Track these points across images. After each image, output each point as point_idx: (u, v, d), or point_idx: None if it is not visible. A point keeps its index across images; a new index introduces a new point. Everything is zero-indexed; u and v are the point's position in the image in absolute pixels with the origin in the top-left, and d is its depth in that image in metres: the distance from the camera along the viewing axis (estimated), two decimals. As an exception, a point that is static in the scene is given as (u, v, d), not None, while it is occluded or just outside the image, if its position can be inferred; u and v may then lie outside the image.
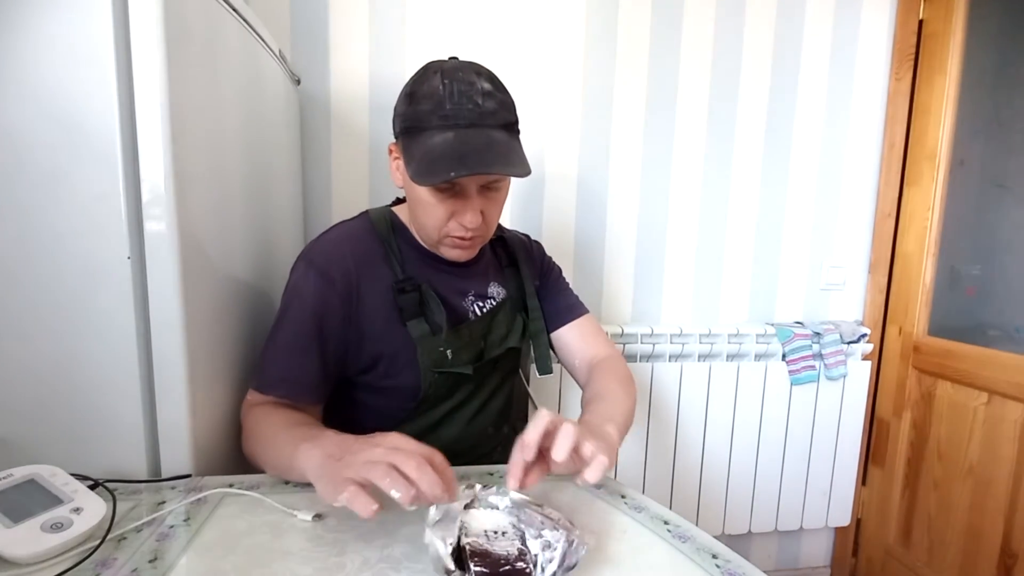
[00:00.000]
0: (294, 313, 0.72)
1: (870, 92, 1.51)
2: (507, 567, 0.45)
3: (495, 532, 0.50)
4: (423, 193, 0.70)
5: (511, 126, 0.70)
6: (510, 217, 1.38)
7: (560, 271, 0.97)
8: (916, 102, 1.48)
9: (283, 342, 0.72)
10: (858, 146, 1.52)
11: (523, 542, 0.48)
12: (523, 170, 0.66)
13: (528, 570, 0.45)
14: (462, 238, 0.73)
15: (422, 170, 0.65)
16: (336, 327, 0.72)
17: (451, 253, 0.76)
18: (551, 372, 0.88)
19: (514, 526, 0.51)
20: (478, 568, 0.44)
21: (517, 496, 0.53)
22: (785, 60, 1.46)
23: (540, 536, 0.48)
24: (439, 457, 0.51)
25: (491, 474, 0.69)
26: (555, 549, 0.46)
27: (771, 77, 1.45)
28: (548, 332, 0.91)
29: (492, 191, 0.72)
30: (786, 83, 1.46)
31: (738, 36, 1.42)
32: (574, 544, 0.47)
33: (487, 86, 0.68)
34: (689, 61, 1.41)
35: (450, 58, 0.72)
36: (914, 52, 1.47)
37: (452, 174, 0.63)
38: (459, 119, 0.65)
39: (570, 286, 0.96)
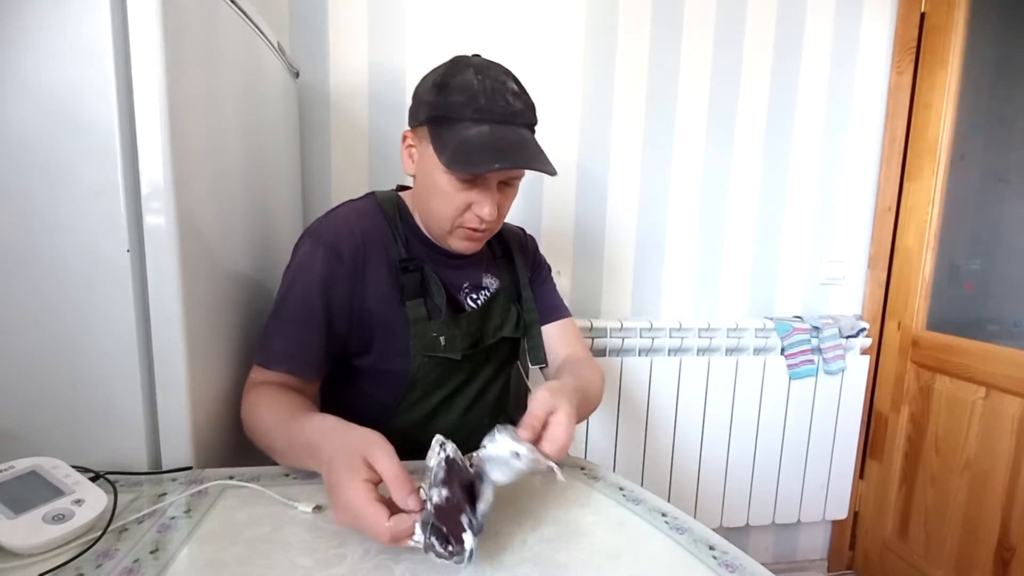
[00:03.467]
0: (300, 288, 0.72)
1: (871, 86, 1.50)
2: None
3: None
4: (443, 182, 0.70)
5: (532, 127, 0.74)
6: (509, 211, 1.37)
7: (550, 271, 0.98)
8: (917, 96, 1.48)
9: (289, 316, 0.72)
10: (858, 140, 1.52)
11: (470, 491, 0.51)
12: (553, 169, 0.70)
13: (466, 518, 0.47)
14: (475, 229, 0.74)
15: (459, 158, 0.67)
16: (342, 302, 0.73)
17: (460, 245, 0.76)
18: (544, 363, 0.88)
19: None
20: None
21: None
22: (786, 53, 1.45)
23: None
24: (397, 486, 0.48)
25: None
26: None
27: (772, 70, 1.45)
28: None
29: (509, 187, 0.74)
30: (787, 76, 1.46)
31: (739, 29, 1.42)
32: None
33: (515, 87, 0.71)
34: (689, 55, 1.40)
35: (473, 55, 0.74)
36: (915, 45, 1.47)
37: (497, 165, 0.66)
38: (493, 114, 0.68)
39: (557, 289, 0.97)
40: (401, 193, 0.84)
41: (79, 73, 0.58)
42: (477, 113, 0.67)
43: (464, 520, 0.47)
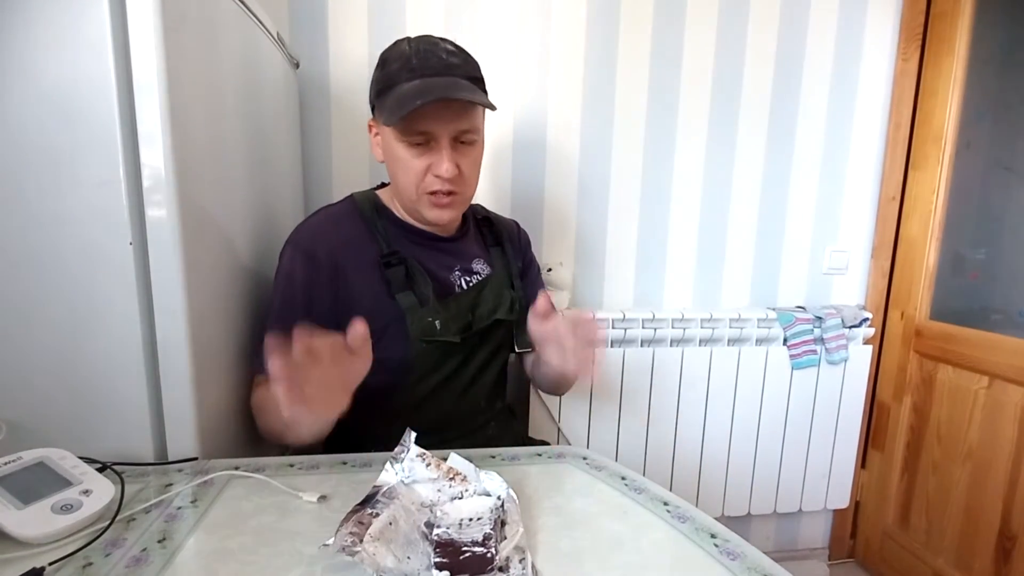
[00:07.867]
0: (285, 294, 0.75)
1: (876, 73, 1.49)
2: (467, 553, 0.46)
3: (470, 520, 0.50)
4: (400, 151, 0.73)
5: (476, 80, 0.75)
6: (511, 202, 1.37)
7: (539, 269, 0.99)
8: (923, 83, 1.46)
9: (278, 322, 0.74)
10: (863, 128, 1.51)
11: (496, 526, 0.49)
12: (486, 102, 0.71)
13: (489, 554, 0.45)
14: (439, 192, 0.75)
15: (392, 112, 0.69)
16: (326, 304, 0.74)
17: (432, 213, 0.77)
18: (532, 349, 0.88)
19: (492, 510, 0.51)
20: (438, 559, 0.45)
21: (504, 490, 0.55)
22: (790, 40, 1.43)
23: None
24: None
25: (493, 457, 0.70)
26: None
27: (776, 57, 1.43)
28: None
29: (465, 145, 0.75)
30: (791, 63, 1.44)
31: (743, 15, 1.40)
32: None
33: (451, 48, 0.74)
34: (692, 44, 1.39)
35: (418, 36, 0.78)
36: (922, 32, 1.45)
37: (418, 102, 0.67)
38: (426, 70, 0.71)
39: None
40: (379, 191, 0.86)
41: (79, 65, 0.57)
42: (410, 72, 0.71)
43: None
